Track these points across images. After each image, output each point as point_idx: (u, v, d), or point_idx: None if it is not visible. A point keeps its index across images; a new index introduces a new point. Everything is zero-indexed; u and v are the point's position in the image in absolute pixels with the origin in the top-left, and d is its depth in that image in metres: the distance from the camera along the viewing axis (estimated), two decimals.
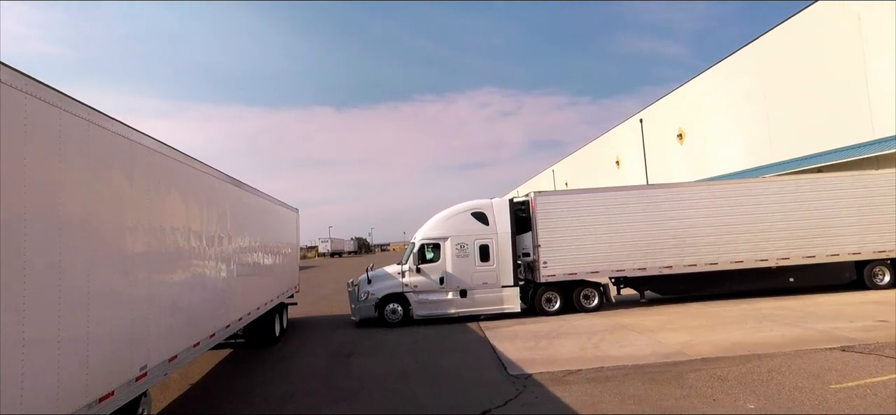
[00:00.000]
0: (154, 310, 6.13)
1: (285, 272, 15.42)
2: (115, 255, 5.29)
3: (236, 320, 10.00)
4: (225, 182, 9.59)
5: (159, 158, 6.57)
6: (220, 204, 9.11)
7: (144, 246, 5.96)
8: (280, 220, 14.98)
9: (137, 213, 5.80)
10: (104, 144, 5.12)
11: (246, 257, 10.92)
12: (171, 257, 6.82)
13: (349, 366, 10.46)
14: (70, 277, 4.35)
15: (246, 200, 11.09)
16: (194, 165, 7.95)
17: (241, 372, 10.38)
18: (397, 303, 15.06)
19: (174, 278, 6.93)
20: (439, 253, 15.28)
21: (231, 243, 9.77)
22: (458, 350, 11.46)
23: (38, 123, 4.04)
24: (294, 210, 17.69)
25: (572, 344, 11.15)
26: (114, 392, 4.95)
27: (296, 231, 17.94)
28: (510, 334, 12.72)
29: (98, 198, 4.96)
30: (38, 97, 4.04)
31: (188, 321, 7.42)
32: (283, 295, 14.87)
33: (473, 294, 15.18)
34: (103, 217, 5.06)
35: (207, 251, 8.35)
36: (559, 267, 15.15)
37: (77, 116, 4.61)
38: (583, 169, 51.77)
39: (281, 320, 14.45)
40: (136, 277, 5.71)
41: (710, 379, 7.87)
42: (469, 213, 15.58)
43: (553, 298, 15.33)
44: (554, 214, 15.30)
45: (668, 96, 35.03)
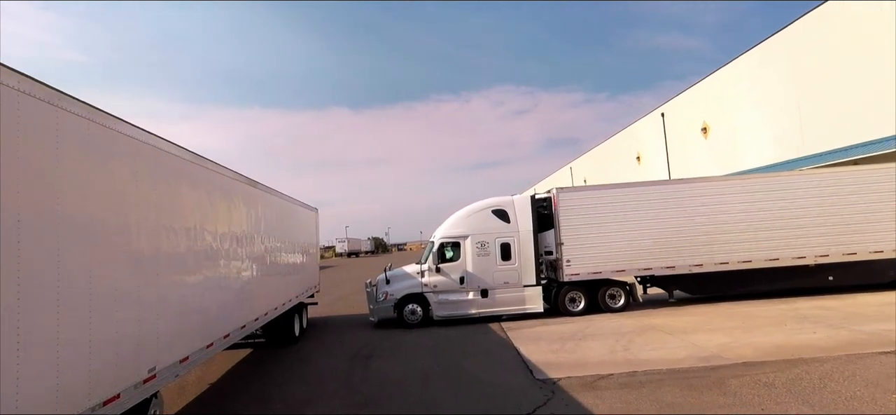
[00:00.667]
0: (163, 311, 5.97)
1: (304, 272, 15.23)
2: (119, 255, 5.13)
3: (252, 321, 9.81)
4: (238, 182, 9.40)
5: (167, 157, 6.37)
6: (233, 204, 8.93)
7: (152, 246, 5.80)
8: (298, 219, 14.77)
9: (144, 212, 5.64)
10: (105, 142, 4.99)
11: (261, 257, 10.71)
12: (181, 257, 6.63)
13: (368, 369, 10.12)
14: (69, 277, 4.22)
15: (261, 200, 10.90)
16: (205, 165, 7.74)
17: (259, 374, 10.11)
18: (417, 303, 14.70)
19: (185, 279, 6.75)
20: (459, 252, 14.87)
21: (246, 243, 9.56)
22: (481, 352, 11.04)
23: (34, 120, 3.94)
24: (313, 210, 17.52)
25: (600, 346, 10.64)
26: (119, 395, 4.85)
27: (315, 231, 17.76)
28: (534, 336, 12.26)
29: (99, 197, 4.82)
30: (32, 95, 3.94)
31: (201, 322, 7.24)
32: (303, 295, 14.69)
33: (494, 294, 14.74)
34: (105, 216, 4.91)
35: (220, 251, 8.15)
36: (583, 266, 14.62)
37: (76, 114, 4.49)
38: (601, 165, 50.84)
39: (301, 320, 14.30)
40: (143, 277, 5.56)
41: (755, 386, 7.32)
42: (490, 210, 15.14)
43: (577, 297, 14.81)
44: (577, 210, 14.77)
45: (690, 89, 34.06)
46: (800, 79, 23.43)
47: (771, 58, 25.27)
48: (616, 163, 47.07)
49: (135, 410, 5.33)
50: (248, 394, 8.85)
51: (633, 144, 44.08)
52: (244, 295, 9.42)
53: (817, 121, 22.28)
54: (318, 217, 18.13)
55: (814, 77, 22.60)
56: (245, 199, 9.72)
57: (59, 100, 4.27)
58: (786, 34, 24.36)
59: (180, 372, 6.45)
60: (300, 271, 14.64)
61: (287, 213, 13.42)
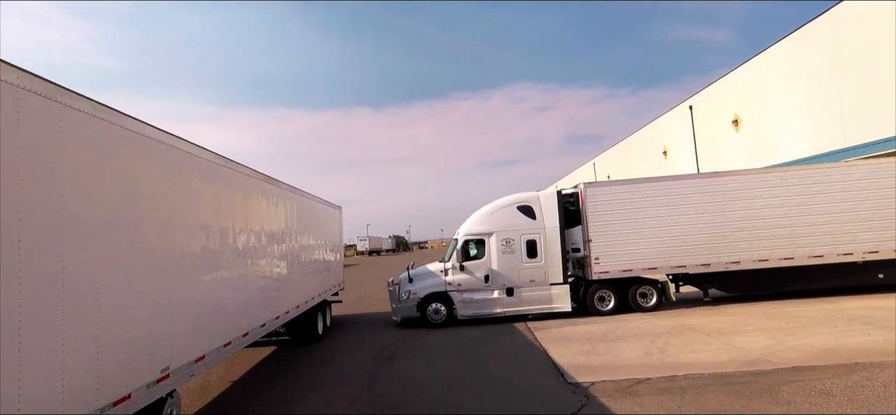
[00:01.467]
0: (178, 310, 5.83)
1: (328, 270, 15.10)
2: (129, 253, 4.99)
3: (273, 319, 9.65)
4: (256, 179, 9.23)
5: (180, 155, 6.22)
6: (250, 201, 8.78)
7: (164, 244, 5.66)
8: (321, 217, 14.61)
9: (155, 210, 5.52)
10: (113, 139, 4.85)
11: (282, 255, 10.55)
12: (196, 256, 6.47)
13: (392, 371, 9.81)
14: (74, 276, 4.11)
15: (280, 198, 10.74)
16: (220, 162, 7.56)
17: (281, 375, 9.89)
18: (440, 302, 14.35)
19: (201, 277, 6.59)
20: (484, 249, 14.47)
21: (265, 241, 9.39)
22: (508, 354, 10.63)
23: (35, 117, 3.85)
24: (337, 208, 17.41)
25: (634, 348, 10.12)
26: (130, 395, 4.77)
27: (339, 229, 17.65)
28: (562, 336, 11.79)
29: (107, 195, 4.70)
30: (33, 91, 3.85)
31: (218, 321, 7.09)
32: (326, 293, 14.57)
33: (520, 292, 14.30)
34: (114, 214, 4.78)
35: (238, 249, 8.01)
36: (612, 263, 14.06)
37: (81, 111, 4.39)
38: (626, 161, 49.70)
39: (324, 318, 14.19)
40: (155, 276, 5.42)
41: (810, 393, 6.74)
42: (515, 207, 14.69)
43: (606, 296, 14.26)
44: (606, 206, 14.21)
45: (720, 81, 32.92)
46: (840, 66, 22.29)
47: (808, 45, 24.14)
48: (641, 158, 45.95)
49: (149, 409, 5.26)
50: (269, 396, 8.62)
51: (658, 139, 42.95)
52: (264, 293, 9.26)
53: (860, 110, 21.16)
54: (341, 215, 18.02)
55: (856, 64, 21.47)
56: (264, 196, 9.56)
57: (62, 96, 4.15)
58: (825, 19, 23.21)
59: (196, 371, 6.31)
60: (323, 269, 14.49)
61: (309, 210, 13.22)
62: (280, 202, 10.62)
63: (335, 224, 16.93)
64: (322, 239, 14.70)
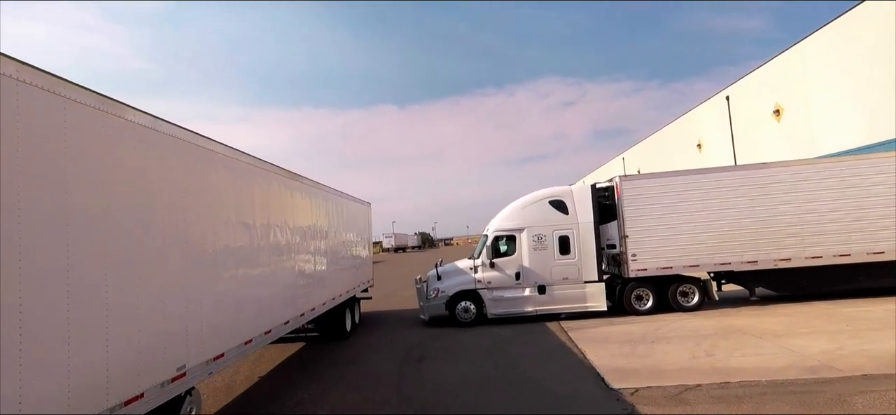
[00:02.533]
0: (194, 307, 5.70)
1: (356, 267, 14.91)
2: (140, 250, 4.83)
3: (298, 316, 9.46)
4: (279, 175, 9.06)
5: (194, 149, 6.01)
6: (272, 197, 8.60)
7: (180, 240, 5.51)
8: (348, 213, 14.39)
9: (169, 206, 5.37)
10: (122, 134, 4.71)
11: (307, 251, 10.33)
12: (214, 251, 6.31)
13: (421, 372, 9.41)
14: (79, 272, 3.98)
15: (305, 194, 10.53)
16: (238, 157, 7.36)
17: (307, 376, 9.61)
18: (469, 300, 13.89)
19: (219, 274, 6.41)
20: (514, 246, 13.94)
21: (288, 237, 9.18)
22: (543, 355, 10.10)
23: (36, 111, 3.73)
24: (366, 204, 17.26)
25: (679, 351, 9.46)
26: (144, 394, 4.67)
27: (368, 225, 17.48)
28: (599, 337, 11.19)
29: (116, 190, 4.55)
30: (34, 84, 3.72)
31: (238, 318, 6.90)
32: (355, 290, 14.38)
33: (553, 291, 13.72)
34: (123, 210, 4.63)
35: (260, 245, 7.82)
36: (651, 260, 13.35)
37: (87, 104, 4.25)
38: (657, 155, 48.22)
39: (353, 315, 14.07)
40: (169, 273, 5.28)
41: (891, 405, 6.02)
42: (546, 201, 14.11)
43: (644, 295, 13.55)
44: (643, 200, 13.50)
45: (759, 70, 31.42)
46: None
47: (862, 26, 22.64)
48: (673, 151, 44.47)
49: (167, 407, 5.19)
50: (294, 398, 8.33)
51: (692, 131, 41.44)
52: (288, 290, 9.05)
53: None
54: (370, 211, 17.86)
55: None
56: (287, 192, 9.38)
57: (65, 89, 4.01)
58: (879, 2, 21.73)
59: (215, 369, 6.15)
60: (351, 266, 14.29)
61: (335, 206, 12.99)
62: (304, 198, 10.41)
63: (364, 220, 16.74)
64: (350, 235, 14.47)
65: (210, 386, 9.17)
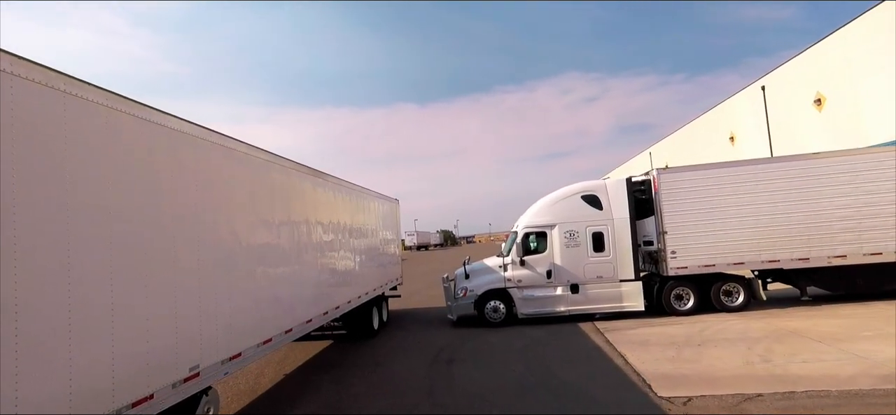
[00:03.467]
0: (209, 305, 5.59)
1: (384, 264, 14.66)
2: (148, 248, 4.70)
3: (320, 315, 9.25)
4: (299, 172, 8.89)
5: (206, 145, 5.87)
6: (295, 194, 8.48)
7: (190, 238, 5.38)
8: (375, 211, 14.11)
9: (178, 201, 5.24)
10: (126, 128, 4.58)
11: (330, 249, 10.07)
12: (229, 248, 6.19)
13: (452, 377, 8.92)
14: (81, 272, 3.86)
15: (328, 191, 10.30)
16: (257, 154, 7.22)
17: (331, 378, 9.21)
18: (499, 300, 13.35)
19: (236, 271, 6.30)
20: (545, 243, 13.34)
21: (310, 235, 9.00)
22: (580, 359, 9.51)
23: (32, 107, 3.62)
24: (393, 201, 17.01)
25: (730, 355, 8.76)
26: (153, 395, 4.58)
27: (396, 222, 17.23)
28: (639, 339, 10.52)
29: (122, 188, 4.43)
30: (29, 79, 3.61)
31: (256, 317, 6.76)
32: (381, 288, 14.13)
33: (586, 290, 13.08)
34: (130, 207, 4.50)
35: (280, 244, 7.67)
36: (691, 258, 12.59)
37: (88, 100, 4.15)
38: (686, 148, 46.69)
39: (380, 313, 13.86)
40: (179, 271, 5.14)
41: None
42: (579, 196, 13.46)
43: (684, 294, 12.80)
44: (683, 194, 12.74)
45: (798, 58, 29.97)
46: None
47: None
48: (704, 145, 42.99)
49: (183, 406, 5.13)
50: (317, 401, 7.95)
51: (724, 123, 39.96)
52: (310, 288, 8.85)
53: None
54: (398, 209, 17.61)
55: None
56: (308, 188, 9.23)
57: (65, 84, 3.91)
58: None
59: (232, 369, 6.02)
60: (378, 263, 14.02)
61: (360, 203, 12.70)
62: (327, 195, 10.18)
63: (392, 218, 16.47)
64: (377, 232, 14.17)
65: (233, 385, 8.88)
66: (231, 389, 8.93)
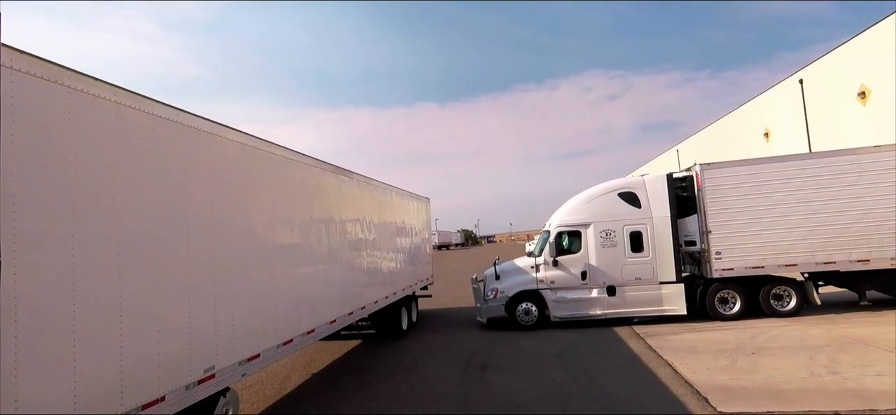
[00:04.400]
0: (225, 306, 5.43)
1: (413, 264, 14.35)
2: (158, 248, 4.54)
3: (345, 315, 9.00)
4: (325, 171, 8.71)
5: (220, 142, 5.69)
6: (318, 192, 8.31)
7: (207, 235, 5.24)
8: (402, 209, 13.74)
9: (191, 198, 5.08)
10: (135, 124, 4.42)
11: (354, 248, 9.77)
12: (247, 247, 6.02)
13: (487, 384, 8.40)
14: (86, 272, 3.74)
15: (353, 189, 10.00)
16: (278, 152, 7.04)
17: (361, 384, 8.79)
18: (531, 302, 12.78)
19: (255, 270, 6.14)
20: (580, 243, 12.72)
21: (333, 234, 8.75)
22: (623, 366, 8.89)
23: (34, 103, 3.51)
24: (424, 200, 16.72)
25: (791, 366, 8.04)
26: (165, 397, 4.47)
27: (426, 221, 16.89)
28: (685, 346, 9.84)
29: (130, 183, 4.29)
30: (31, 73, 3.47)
31: (277, 317, 6.58)
32: (411, 288, 13.82)
33: (624, 292, 12.42)
34: (139, 205, 4.36)
35: (301, 242, 7.47)
36: (738, 259, 11.83)
37: (95, 95, 4.02)
38: (717, 146, 45.22)
39: (409, 313, 13.61)
40: (193, 271, 4.99)
41: None
42: (615, 194, 12.81)
43: (730, 297, 12.03)
44: (729, 190, 11.98)
45: (839, 49, 28.60)
46: None
47: None
48: (736, 141, 41.52)
49: (199, 408, 5.03)
50: (347, 409, 7.51)
51: (758, 119, 38.51)
52: (334, 288, 8.64)
53: None
54: (429, 207, 17.28)
55: None
56: (333, 186, 8.95)
57: (70, 79, 3.78)
58: None
59: (250, 371, 5.89)
60: (406, 263, 13.69)
61: (387, 202, 12.34)
62: (351, 193, 9.90)
63: (422, 216, 16.14)
64: (405, 231, 13.81)
65: (260, 389, 8.54)
66: (256, 393, 8.59)
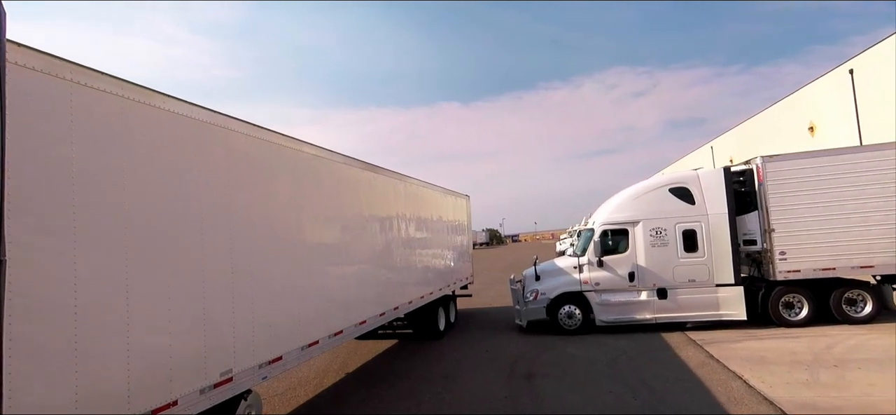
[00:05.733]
0: (244, 307, 5.21)
1: (451, 263, 13.84)
2: (168, 247, 4.33)
3: (376, 316, 8.69)
4: (354, 167, 8.38)
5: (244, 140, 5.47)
6: (346, 189, 8.00)
7: (223, 234, 5.00)
8: (439, 206, 13.19)
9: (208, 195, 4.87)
10: (143, 120, 4.22)
11: (387, 247, 9.44)
12: (267, 245, 5.75)
13: (537, 396, 7.68)
14: (87, 274, 3.59)
15: (383, 187, 9.58)
16: (302, 148, 6.73)
17: (402, 395, 8.17)
18: (574, 304, 11.97)
19: (276, 270, 5.86)
20: (627, 242, 11.87)
21: (364, 232, 8.49)
22: (686, 378, 8.06)
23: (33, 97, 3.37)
24: (464, 197, 16.14)
25: (886, 381, 7.08)
26: (177, 401, 4.31)
27: (466, 219, 16.27)
28: (752, 356, 8.94)
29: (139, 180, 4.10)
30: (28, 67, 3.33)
31: (302, 318, 6.31)
32: (448, 288, 13.29)
33: (676, 295, 11.51)
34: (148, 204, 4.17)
35: (327, 239, 7.21)
36: (805, 259, 10.82)
37: (96, 88, 3.81)
38: (756, 142, 42.98)
39: (447, 314, 13.15)
40: (209, 269, 4.77)
41: None
42: (666, 189, 11.92)
43: (796, 302, 11.03)
44: (794, 184, 10.99)
45: (894, 36, 26.75)
46: None
47: None
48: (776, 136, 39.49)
49: (219, 411, 4.88)
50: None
51: (801, 113, 36.37)
52: (364, 288, 8.34)
53: None
54: (469, 204, 16.66)
55: None
56: (360, 184, 8.55)
57: (71, 73, 3.60)
58: None
59: (271, 374, 5.65)
60: (444, 262, 13.18)
61: (422, 198, 11.83)
62: (383, 190, 9.49)
63: (461, 214, 15.55)
64: (442, 229, 13.25)
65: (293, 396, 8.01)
66: (289, 401, 8.05)
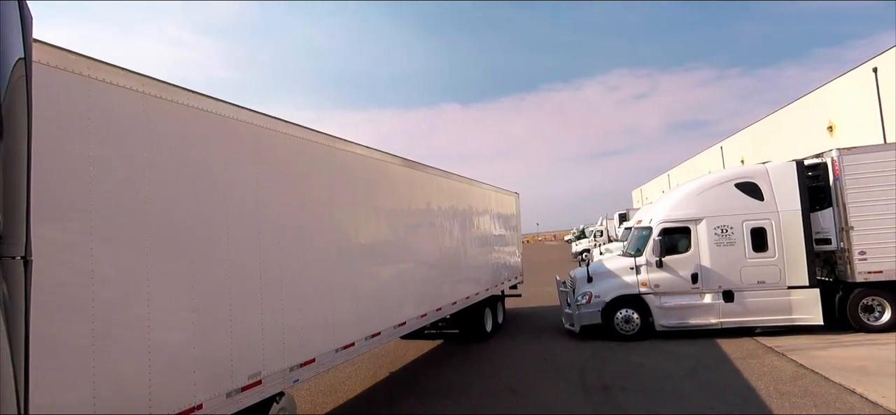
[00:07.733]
0: (273, 308, 5.02)
1: (499, 262, 13.22)
2: (194, 247, 4.16)
3: (417, 317, 8.33)
4: (391, 163, 8.06)
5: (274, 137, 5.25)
6: (381, 187, 7.65)
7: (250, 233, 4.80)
8: (484, 203, 12.44)
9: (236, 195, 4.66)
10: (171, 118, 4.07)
11: (426, 246, 9.02)
12: (298, 245, 5.52)
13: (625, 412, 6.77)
14: (106, 273, 3.40)
15: (424, 184, 9.18)
16: (337, 145, 6.44)
17: (462, 409, 7.26)
18: (631, 308, 11.09)
19: (309, 270, 5.66)
20: (688, 241, 11.00)
21: (400, 231, 8.10)
22: (788, 391, 7.17)
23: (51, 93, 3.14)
24: (513, 194, 15.47)
25: None
26: (202, 405, 4.14)
27: (516, 217, 15.59)
28: (849, 365, 8.09)
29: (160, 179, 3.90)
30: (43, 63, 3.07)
31: (335, 320, 6.08)
32: (495, 287, 12.65)
33: (744, 298, 10.65)
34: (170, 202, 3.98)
35: (362, 239, 6.91)
36: (888, 260, 10.00)
37: (113, 83, 3.58)
38: (770, 143, 42.66)
39: (494, 314, 12.57)
40: (236, 271, 4.60)
41: None
42: (732, 184, 11.07)
43: (877, 305, 10.20)
44: (875, 179, 10.18)
45: None
46: None
47: None
48: (791, 137, 38.99)
49: (252, 412, 4.76)
50: None
51: (819, 112, 35.95)
52: (403, 288, 8.02)
53: None
54: (518, 201, 15.94)
55: None
56: (398, 181, 8.24)
57: (88, 68, 3.42)
58: None
59: (303, 376, 5.47)
60: (491, 261, 12.53)
61: (466, 195, 11.17)
62: (423, 187, 9.10)
63: (509, 211, 14.82)
64: (488, 227, 12.51)
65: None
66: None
